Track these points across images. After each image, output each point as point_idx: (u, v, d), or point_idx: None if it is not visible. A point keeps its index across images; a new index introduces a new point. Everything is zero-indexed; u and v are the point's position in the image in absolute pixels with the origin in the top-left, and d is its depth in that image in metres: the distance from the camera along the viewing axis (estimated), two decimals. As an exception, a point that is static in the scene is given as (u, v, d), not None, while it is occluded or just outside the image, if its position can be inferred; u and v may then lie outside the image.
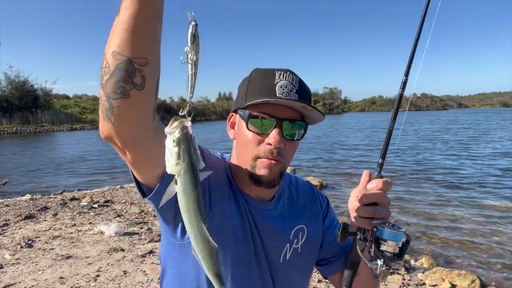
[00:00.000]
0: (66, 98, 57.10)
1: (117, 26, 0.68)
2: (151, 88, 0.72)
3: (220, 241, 1.00)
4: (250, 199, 1.07)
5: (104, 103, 0.71)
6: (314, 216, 1.20)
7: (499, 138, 20.76)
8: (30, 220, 5.84)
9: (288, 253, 1.11)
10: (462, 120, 48.08)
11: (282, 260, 1.10)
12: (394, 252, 0.91)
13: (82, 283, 3.60)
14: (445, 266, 4.38)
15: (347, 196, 5.55)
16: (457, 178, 9.55)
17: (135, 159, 0.81)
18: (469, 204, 7.09)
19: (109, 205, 6.87)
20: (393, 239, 0.90)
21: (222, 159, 1.12)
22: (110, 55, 0.68)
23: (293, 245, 1.12)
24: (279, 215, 1.12)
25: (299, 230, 1.14)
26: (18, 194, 8.50)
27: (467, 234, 5.50)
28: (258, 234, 1.07)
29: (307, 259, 1.18)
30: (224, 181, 1.06)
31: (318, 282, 3.72)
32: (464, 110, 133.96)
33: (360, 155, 14.78)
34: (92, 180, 10.69)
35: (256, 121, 0.98)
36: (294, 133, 1.00)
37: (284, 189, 1.17)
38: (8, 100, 41.66)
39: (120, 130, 0.74)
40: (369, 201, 0.95)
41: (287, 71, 1.01)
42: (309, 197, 1.23)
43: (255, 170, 1.00)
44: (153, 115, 0.77)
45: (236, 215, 1.04)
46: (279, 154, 0.98)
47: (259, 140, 0.99)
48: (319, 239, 1.20)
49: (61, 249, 4.54)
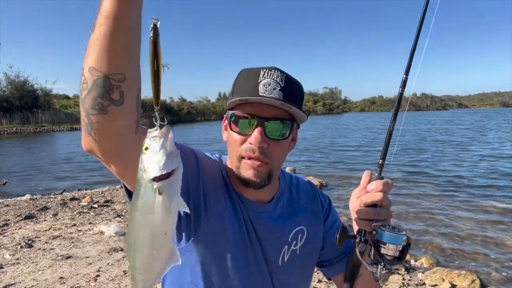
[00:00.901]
0: (66, 98, 57.08)
1: (92, 42, 0.66)
2: (131, 103, 0.71)
3: (218, 245, 1.00)
4: (247, 201, 1.06)
5: (84, 118, 0.70)
6: (315, 217, 1.18)
7: (498, 138, 20.76)
8: (30, 220, 5.84)
9: (286, 255, 1.10)
10: (464, 120, 48.07)
11: (281, 262, 1.09)
12: (394, 256, 0.90)
13: (82, 283, 3.60)
14: (445, 266, 4.38)
15: (346, 196, 5.57)
16: (457, 178, 9.55)
17: (120, 171, 0.80)
18: (469, 204, 7.09)
19: (109, 205, 6.87)
20: (393, 242, 0.88)
21: (218, 162, 1.10)
22: (87, 71, 0.67)
23: (292, 247, 1.11)
24: (278, 216, 1.11)
25: (299, 231, 1.13)
26: (18, 194, 8.50)
27: (467, 234, 5.50)
28: (256, 236, 1.05)
29: (306, 260, 1.16)
30: (220, 184, 1.04)
31: (318, 282, 3.72)
32: (464, 110, 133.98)
33: (359, 155, 14.79)
34: (92, 180, 10.69)
35: (238, 121, 0.97)
36: (279, 132, 0.98)
37: (284, 190, 1.15)
38: (8, 100, 41.65)
39: (101, 145, 0.72)
40: (369, 203, 0.93)
41: (273, 68, 0.99)
42: (310, 197, 1.21)
43: (240, 171, 0.99)
44: (135, 128, 0.75)
45: (233, 218, 1.02)
46: (263, 154, 0.96)
47: (242, 140, 0.98)
48: (320, 241, 1.18)
49: (61, 249, 4.54)
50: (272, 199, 1.10)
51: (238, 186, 1.04)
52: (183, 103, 69.98)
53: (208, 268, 1.01)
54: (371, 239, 0.93)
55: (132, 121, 0.73)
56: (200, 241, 0.99)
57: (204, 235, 0.99)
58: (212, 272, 1.01)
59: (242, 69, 1.04)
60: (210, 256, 1.01)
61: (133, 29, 0.67)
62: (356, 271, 1.05)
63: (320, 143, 20.12)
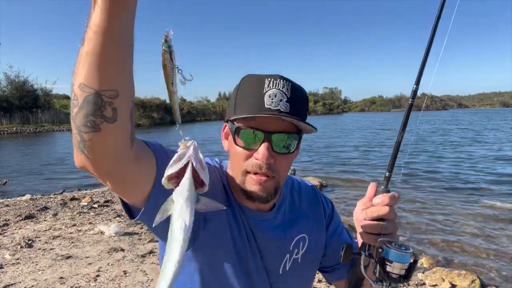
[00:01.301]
0: (66, 98, 57.04)
1: (81, 57, 0.63)
2: (124, 119, 0.68)
3: (216, 254, 0.99)
4: (247, 210, 1.03)
5: (75, 135, 0.67)
6: (317, 223, 1.16)
7: (497, 139, 20.75)
8: (30, 220, 5.84)
9: (288, 264, 1.08)
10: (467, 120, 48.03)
11: (282, 271, 1.07)
12: (400, 274, 0.87)
13: (82, 283, 3.60)
14: (445, 266, 4.37)
15: (346, 197, 5.57)
16: (458, 179, 9.55)
17: (115, 188, 0.78)
18: (470, 204, 7.09)
19: (109, 205, 6.87)
20: (399, 261, 0.86)
21: (219, 168, 1.08)
22: (78, 88, 0.63)
23: (293, 255, 1.09)
24: (279, 224, 1.08)
25: (300, 240, 1.10)
26: (18, 194, 8.49)
27: (467, 234, 5.50)
28: (256, 245, 1.03)
29: (308, 268, 1.14)
30: (220, 193, 1.02)
31: (318, 282, 3.72)
32: (464, 110, 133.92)
33: (359, 156, 14.77)
34: (92, 180, 10.68)
35: (243, 136, 0.93)
36: (286, 146, 0.94)
37: (286, 196, 1.13)
38: (8, 100, 41.66)
39: (94, 163, 0.69)
40: (375, 217, 0.90)
41: (278, 77, 0.94)
42: (312, 202, 1.18)
43: (245, 186, 0.96)
44: (130, 143, 0.72)
45: (233, 227, 1.00)
46: (270, 170, 0.92)
47: (247, 155, 0.94)
48: (322, 248, 1.16)
49: (61, 249, 4.54)
50: (273, 207, 1.07)
51: (239, 196, 1.01)
52: (183, 103, 69.89)
53: (207, 277, 1.00)
54: (376, 256, 0.91)
55: (126, 136, 0.70)
56: (198, 251, 0.97)
57: (202, 245, 0.97)
58: (211, 280, 1.00)
59: (245, 76, 0.99)
60: (209, 265, 0.99)
61: (125, 43, 0.64)
62: (360, 284, 1.03)
63: (319, 144, 20.11)
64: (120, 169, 0.73)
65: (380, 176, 9.76)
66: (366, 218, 0.91)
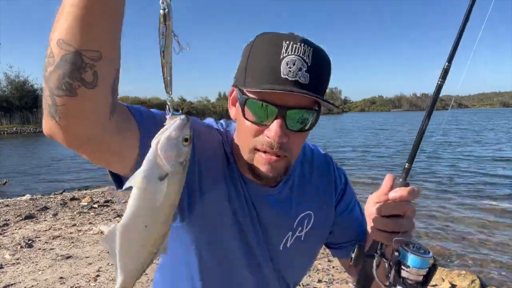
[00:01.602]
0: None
1: (64, 8, 0.55)
2: (105, 87, 0.60)
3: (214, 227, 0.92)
4: (251, 183, 0.93)
5: (47, 98, 0.58)
6: (327, 199, 1.05)
7: (497, 140, 20.76)
8: (30, 220, 5.84)
9: (290, 241, 1.00)
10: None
11: (283, 247, 1.00)
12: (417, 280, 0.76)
13: (82, 283, 3.60)
14: (445, 266, 4.37)
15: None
16: (457, 179, 9.56)
17: (92, 159, 0.70)
18: (469, 204, 7.09)
19: (109, 205, 6.87)
20: (417, 266, 0.76)
21: (223, 133, 0.96)
22: (55, 44, 0.56)
23: (296, 233, 1.01)
24: (285, 199, 0.99)
25: (305, 217, 1.01)
26: (18, 194, 8.49)
27: (467, 234, 5.50)
28: (258, 220, 0.96)
29: (311, 245, 1.06)
30: (220, 164, 0.92)
31: (318, 282, 3.72)
32: (464, 110, 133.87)
33: (358, 156, 14.78)
34: (92, 180, 10.69)
35: (253, 109, 0.81)
36: (301, 122, 0.82)
37: (295, 168, 1.01)
38: (8, 100, 41.69)
39: (66, 131, 0.61)
40: (390, 213, 0.80)
41: (298, 40, 0.80)
42: (324, 175, 1.06)
43: (253, 164, 0.86)
44: (110, 113, 0.63)
45: (233, 200, 0.92)
46: (282, 149, 0.82)
47: (257, 131, 0.83)
48: (328, 227, 1.07)
49: (61, 249, 4.54)
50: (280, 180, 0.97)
51: (243, 168, 0.91)
52: (183, 103, 70.04)
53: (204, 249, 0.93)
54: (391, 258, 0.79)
55: (105, 107, 0.62)
56: (195, 223, 0.90)
57: (199, 218, 0.90)
58: (208, 253, 0.94)
59: (260, 34, 0.85)
60: (206, 238, 0.93)
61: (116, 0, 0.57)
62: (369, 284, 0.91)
63: (319, 144, 20.10)
64: (95, 141, 0.65)
65: (380, 176, 9.75)
66: (380, 214, 0.81)
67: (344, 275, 3.79)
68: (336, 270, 3.89)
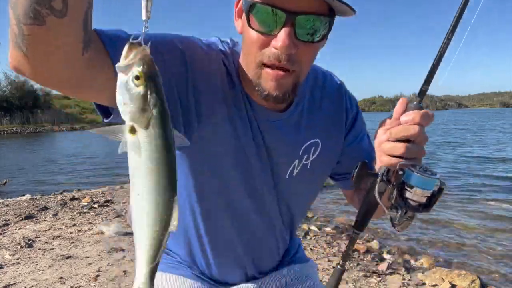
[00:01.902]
0: (66, 98, 57.13)
1: None
2: (76, 17, 0.56)
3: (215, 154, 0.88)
4: (258, 107, 0.88)
5: (13, 27, 0.54)
6: (336, 128, 1.02)
7: (497, 140, 20.76)
8: (30, 220, 5.83)
9: (296, 170, 0.97)
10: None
11: (289, 176, 0.97)
12: (420, 202, 0.75)
13: (82, 283, 3.60)
14: (445, 266, 4.37)
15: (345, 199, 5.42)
16: (457, 179, 9.56)
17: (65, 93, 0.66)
18: (470, 204, 7.09)
19: (109, 205, 6.86)
20: (422, 187, 0.74)
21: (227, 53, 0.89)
22: None
23: (303, 161, 0.97)
24: (293, 125, 0.94)
25: (312, 144, 0.97)
26: (18, 194, 8.49)
27: (467, 234, 5.50)
28: (264, 147, 0.91)
29: (317, 174, 1.03)
30: (221, 83, 0.85)
31: (318, 282, 3.72)
32: (464, 110, 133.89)
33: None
34: (92, 180, 10.69)
35: (259, 15, 0.73)
36: (312, 32, 0.75)
37: (305, 93, 0.96)
38: (8, 100, 41.74)
39: (33, 63, 0.57)
40: (400, 137, 0.77)
41: None
42: (334, 103, 1.02)
43: (260, 81, 0.80)
44: (82, 49, 0.59)
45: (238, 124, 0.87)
46: (289, 62, 0.75)
47: (263, 42, 0.76)
48: (336, 156, 1.04)
49: (61, 249, 4.54)
50: (289, 105, 0.92)
51: (250, 90, 0.86)
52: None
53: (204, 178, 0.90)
54: (395, 180, 0.78)
55: (77, 39, 0.58)
56: (193, 151, 0.86)
57: (198, 145, 0.86)
58: (208, 182, 0.91)
59: None
60: (206, 166, 0.89)
61: None
62: (373, 211, 0.90)
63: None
64: (65, 76, 0.61)
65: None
66: (389, 139, 0.79)
67: (344, 275, 3.79)
68: (336, 270, 3.89)
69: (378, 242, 4.86)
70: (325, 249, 4.42)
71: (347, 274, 3.78)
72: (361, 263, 4.10)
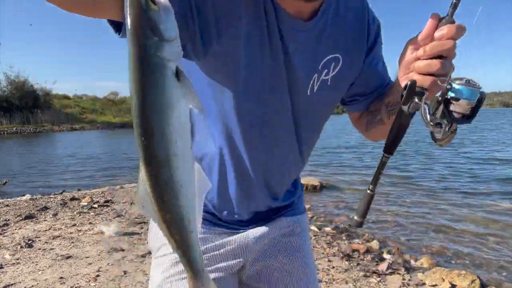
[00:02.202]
0: (66, 98, 57.14)
1: None
2: None
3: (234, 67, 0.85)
4: (284, 15, 0.84)
5: None
6: (357, 46, 0.98)
7: (497, 140, 20.77)
8: (30, 220, 5.84)
9: (316, 85, 0.93)
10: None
11: (310, 92, 0.93)
12: (464, 113, 0.76)
13: (82, 283, 3.60)
14: (445, 266, 4.37)
15: (347, 198, 5.50)
16: (457, 179, 9.56)
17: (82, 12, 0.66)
18: (470, 204, 7.09)
19: (109, 205, 6.86)
20: (468, 98, 0.74)
21: None
22: None
23: (322, 76, 0.93)
24: (316, 36, 0.90)
25: (332, 59, 0.93)
26: (18, 194, 8.49)
27: (467, 234, 5.50)
28: (284, 59, 0.87)
29: (336, 92, 1.00)
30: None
31: (318, 282, 3.72)
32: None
33: (358, 156, 14.78)
34: (92, 180, 10.69)
35: None
36: None
37: (332, 2, 0.93)
38: (8, 100, 41.72)
39: None
40: (435, 53, 0.73)
41: None
42: (358, 18, 0.98)
43: None
44: None
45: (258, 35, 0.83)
46: None
47: None
48: (355, 73, 1.00)
49: (61, 249, 4.54)
50: (315, 14, 0.89)
51: None
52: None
53: (221, 91, 0.87)
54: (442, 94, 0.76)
55: None
56: (211, 63, 0.84)
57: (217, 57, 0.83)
58: (225, 95, 0.87)
59: None
60: (223, 80, 0.86)
61: None
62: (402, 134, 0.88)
63: (318, 144, 20.08)
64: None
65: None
66: (422, 57, 0.75)
67: (344, 275, 3.78)
68: (336, 270, 3.89)
69: (378, 242, 4.86)
70: (325, 249, 4.42)
71: (347, 274, 3.78)
72: (361, 263, 4.10)
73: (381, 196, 7.42)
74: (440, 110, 0.77)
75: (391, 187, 8.25)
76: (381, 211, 6.52)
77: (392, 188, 8.20)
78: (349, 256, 4.22)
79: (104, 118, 48.28)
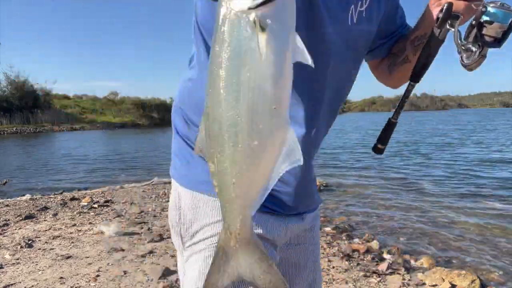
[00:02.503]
0: (66, 98, 57.10)
1: None
2: None
3: None
4: None
5: None
6: None
7: (497, 140, 20.77)
8: (30, 220, 5.84)
9: (355, 16, 0.92)
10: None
11: (350, 22, 0.91)
12: (495, 37, 0.75)
13: (82, 283, 3.60)
14: (445, 266, 4.37)
15: (347, 198, 5.50)
16: (457, 179, 9.56)
17: None
18: (470, 204, 7.09)
19: (109, 205, 6.87)
20: (501, 21, 0.74)
21: None
22: None
23: (358, 7, 0.92)
24: None
25: None
26: (18, 194, 8.49)
27: (467, 234, 5.50)
28: None
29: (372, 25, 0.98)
30: None
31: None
32: (465, 110, 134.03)
33: (358, 156, 14.79)
34: (92, 180, 10.69)
35: None
36: None
37: None
38: (8, 100, 41.69)
39: None
40: None
41: None
42: None
43: None
44: None
45: None
46: None
47: None
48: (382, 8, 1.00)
49: (61, 249, 4.54)
50: None
51: None
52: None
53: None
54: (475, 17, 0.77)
55: None
56: None
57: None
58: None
59: None
60: None
61: None
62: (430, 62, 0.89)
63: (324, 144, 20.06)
64: None
65: (375, 176, 9.73)
66: None
67: (344, 275, 3.79)
68: (336, 270, 3.89)
69: (378, 242, 4.86)
70: (325, 249, 4.42)
71: (347, 274, 3.78)
72: (361, 263, 4.10)
73: (381, 196, 7.42)
74: (472, 35, 0.77)
75: (391, 187, 8.26)
76: (381, 211, 6.53)
77: (392, 188, 8.21)
78: (349, 256, 4.23)
79: (104, 118, 48.26)
